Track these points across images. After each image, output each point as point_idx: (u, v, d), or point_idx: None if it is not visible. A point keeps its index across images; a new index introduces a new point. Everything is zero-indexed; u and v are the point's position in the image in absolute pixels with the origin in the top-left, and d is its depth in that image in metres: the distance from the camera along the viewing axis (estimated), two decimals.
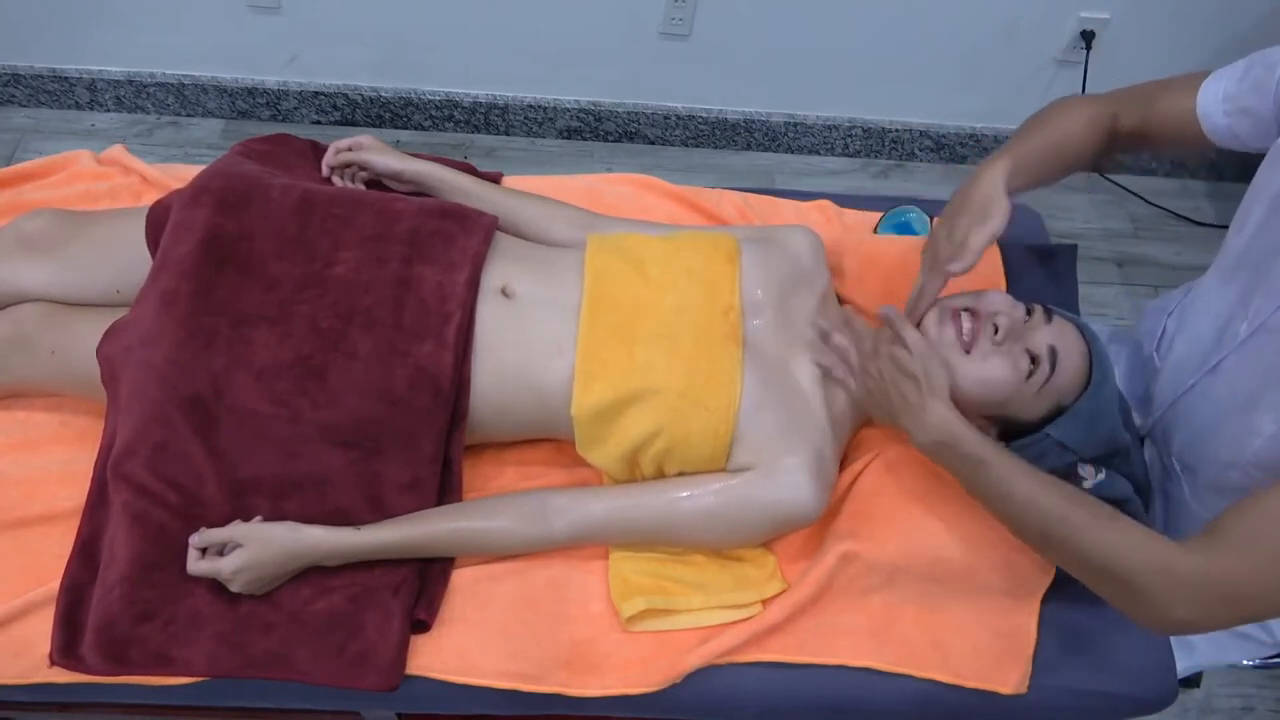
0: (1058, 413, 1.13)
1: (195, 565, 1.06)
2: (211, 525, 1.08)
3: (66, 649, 1.08)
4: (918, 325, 1.13)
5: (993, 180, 1.11)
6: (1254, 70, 1.09)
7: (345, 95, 2.30)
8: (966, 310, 1.12)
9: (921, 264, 1.16)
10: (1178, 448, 1.23)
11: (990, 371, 1.09)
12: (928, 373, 1.06)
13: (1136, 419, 1.25)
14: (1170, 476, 1.27)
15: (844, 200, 1.56)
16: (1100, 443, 1.13)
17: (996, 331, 1.10)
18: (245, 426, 1.10)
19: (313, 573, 1.11)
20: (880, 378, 1.11)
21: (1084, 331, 1.15)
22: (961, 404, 1.07)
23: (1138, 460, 1.18)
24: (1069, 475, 1.09)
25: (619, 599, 1.13)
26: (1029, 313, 1.13)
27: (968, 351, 1.10)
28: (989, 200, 1.10)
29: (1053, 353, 1.10)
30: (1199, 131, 1.14)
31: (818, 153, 2.42)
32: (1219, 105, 1.11)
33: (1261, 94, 1.07)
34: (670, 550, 1.17)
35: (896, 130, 2.37)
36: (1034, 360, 1.10)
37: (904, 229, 1.49)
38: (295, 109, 2.34)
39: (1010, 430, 1.14)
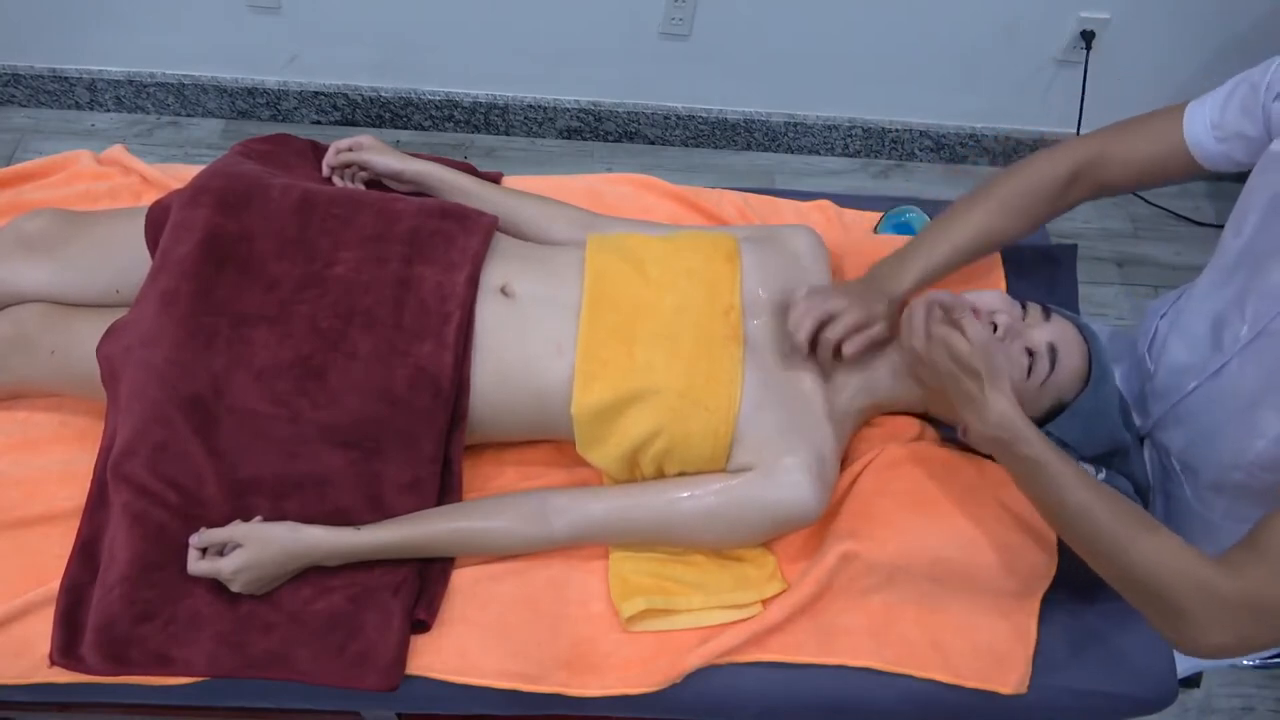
0: (1058, 410, 1.13)
1: (195, 565, 1.06)
2: (211, 525, 1.08)
3: (66, 649, 1.08)
4: None
5: (896, 295, 1.17)
6: (1239, 92, 1.08)
7: (345, 95, 2.30)
8: None
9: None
10: (1178, 449, 1.23)
11: None
12: (990, 367, 1.02)
13: (1135, 419, 1.25)
14: (1170, 476, 1.27)
15: (844, 200, 1.55)
16: (1101, 441, 1.13)
17: (996, 330, 1.10)
18: (245, 426, 1.10)
19: (313, 573, 1.11)
20: (934, 367, 1.07)
21: (1082, 330, 1.15)
22: None
23: (1137, 460, 1.18)
24: None
25: (619, 599, 1.13)
26: (1024, 310, 1.13)
27: None
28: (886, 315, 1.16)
29: (1052, 350, 1.10)
30: (1191, 162, 1.13)
31: (818, 153, 2.42)
32: (1209, 134, 1.11)
33: (1251, 115, 1.07)
34: (670, 550, 1.17)
35: (896, 130, 2.37)
36: (1034, 357, 1.10)
37: (904, 229, 1.48)
38: (295, 109, 2.34)
39: None
